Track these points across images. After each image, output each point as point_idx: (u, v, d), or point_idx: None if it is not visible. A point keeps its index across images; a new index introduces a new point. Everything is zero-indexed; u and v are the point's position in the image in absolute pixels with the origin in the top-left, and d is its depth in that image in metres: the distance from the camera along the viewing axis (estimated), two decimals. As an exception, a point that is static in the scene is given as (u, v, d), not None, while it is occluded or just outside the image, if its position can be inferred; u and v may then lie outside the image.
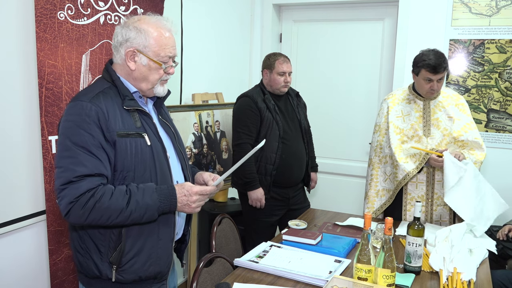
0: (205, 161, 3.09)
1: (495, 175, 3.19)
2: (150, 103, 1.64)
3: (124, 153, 1.44)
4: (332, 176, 3.88)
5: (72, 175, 1.36)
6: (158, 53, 1.50)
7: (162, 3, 2.58)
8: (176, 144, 1.67)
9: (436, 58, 2.31)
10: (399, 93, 2.58)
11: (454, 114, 2.45)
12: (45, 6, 1.89)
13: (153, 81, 1.53)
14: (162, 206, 1.45)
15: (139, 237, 1.49)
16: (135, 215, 1.42)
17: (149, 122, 1.55)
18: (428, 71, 2.32)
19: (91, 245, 1.49)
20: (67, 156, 1.38)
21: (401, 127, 2.49)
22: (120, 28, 1.51)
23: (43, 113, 1.92)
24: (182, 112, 2.95)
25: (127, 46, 1.49)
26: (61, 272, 2.06)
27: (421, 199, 2.45)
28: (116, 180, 1.46)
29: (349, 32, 3.74)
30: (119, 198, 1.39)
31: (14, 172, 1.91)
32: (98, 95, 1.45)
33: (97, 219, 1.39)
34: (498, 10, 3.14)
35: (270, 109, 2.75)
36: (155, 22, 1.51)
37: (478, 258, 1.97)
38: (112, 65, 1.56)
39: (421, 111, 2.47)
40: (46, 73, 1.92)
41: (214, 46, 3.45)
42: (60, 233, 2.03)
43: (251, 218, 2.86)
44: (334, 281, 1.62)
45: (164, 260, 1.57)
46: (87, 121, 1.39)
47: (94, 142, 1.39)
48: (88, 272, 1.51)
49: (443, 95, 2.50)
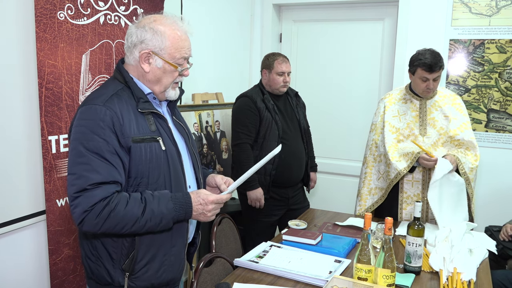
0: (205, 161, 3.09)
1: (495, 175, 3.19)
2: (164, 104, 1.60)
3: (139, 159, 1.40)
4: (332, 176, 3.88)
5: (86, 182, 1.32)
6: (174, 55, 1.45)
7: (162, 3, 2.58)
8: (190, 146, 1.63)
9: (432, 57, 2.32)
10: (396, 93, 2.60)
11: (450, 113, 2.46)
12: (45, 6, 1.89)
13: (166, 84, 1.49)
14: (177, 215, 1.42)
15: (152, 244, 1.47)
16: (151, 224, 1.38)
17: (164, 125, 1.51)
18: (424, 69, 2.34)
19: (103, 252, 1.46)
20: (80, 162, 1.33)
21: (397, 127, 2.50)
22: (135, 29, 1.45)
23: (43, 113, 1.92)
24: (182, 112, 2.93)
25: (142, 48, 1.43)
26: (61, 272, 2.05)
27: (417, 197, 2.47)
28: (130, 186, 1.42)
29: (349, 32, 3.74)
30: (134, 207, 1.35)
31: (14, 172, 1.91)
32: (112, 98, 1.40)
33: (112, 228, 1.35)
34: (498, 10, 3.14)
35: (269, 109, 2.75)
36: (171, 23, 1.46)
37: (478, 258, 1.97)
38: (123, 64, 1.51)
39: (417, 110, 2.49)
40: (46, 73, 1.92)
41: (214, 46, 3.44)
42: (60, 233, 2.03)
43: (250, 218, 2.86)
44: (334, 281, 1.62)
45: (176, 267, 1.55)
46: (101, 126, 1.34)
47: (108, 148, 1.34)
48: (100, 279, 1.48)
49: (440, 94, 2.51)
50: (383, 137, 2.51)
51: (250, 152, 2.73)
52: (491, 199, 2.36)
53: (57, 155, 1.98)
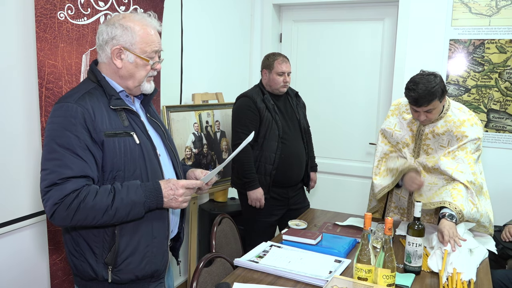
0: (205, 161, 3.09)
1: (495, 175, 3.19)
2: (137, 102, 1.63)
3: (113, 152, 1.43)
4: (332, 176, 3.88)
5: (57, 177, 1.36)
6: (144, 49, 1.49)
7: (162, 3, 2.58)
8: (166, 142, 1.66)
9: (422, 90, 1.98)
10: (404, 103, 2.34)
11: (448, 144, 2.18)
12: (45, 6, 1.89)
13: (140, 78, 1.52)
14: (148, 202, 1.44)
15: (133, 236, 1.49)
16: (121, 213, 1.40)
17: (137, 120, 1.54)
18: (410, 102, 2.08)
19: (85, 247, 1.48)
20: (52, 158, 1.37)
21: (389, 140, 2.38)
22: (104, 26, 1.50)
23: (43, 113, 1.92)
24: (182, 112, 2.95)
25: (114, 44, 1.47)
26: (61, 272, 2.06)
27: (403, 211, 2.42)
28: (106, 180, 1.45)
29: (349, 32, 3.74)
30: (103, 197, 1.38)
31: (14, 172, 1.91)
32: (84, 96, 1.44)
33: (82, 220, 1.38)
34: (498, 10, 3.14)
35: (269, 109, 2.75)
36: (140, 19, 1.50)
37: (478, 258, 1.97)
38: (97, 65, 1.55)
39: (414, 131, 2.27)
40: (46, 73, 1.92)
41: (214, 46, 3.45)
42: (60, 233, 2.03)
43: (250, 218, 2.86)
44: (334, 281, 1.62)
45: (159, 259, 1.57)
46: (72, 122, 1.38)
47: (79, 144, 1.38)
48: (84, 275, 1.50)
49: (447, 118, 2.16)
50: (376, 147, 2.44)
51: (250, 152, 2.73)
52: (491, 199, 2.36)
53: (57, 155, 1.98)
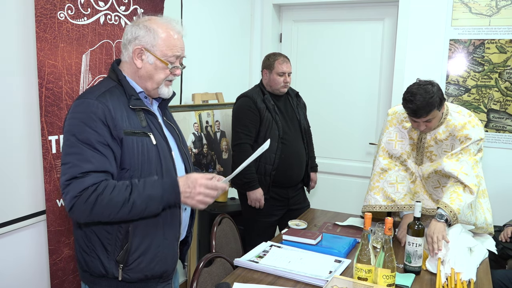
0: (205, 161, 3.09)
1: (495, 175, 3.19)
2: (155, 104, 1.65)
3: (131, 151, 1.45)
4: (332, 176, 3.88)
5: (78, 171, 1.36)
6: (165, 53, 1.50)
7: (162, 3, 2.58)
8: (180, 145, 1.67)
9: (420, 101, 1.95)
10: (401, 112, 2.25)
11: (452, 148, 2.15)
12: (45, 6, 1.89)
13: (158, 80, 1.53)
14: (165, 196, 1.43)
15: (146, 236, 1.50)
16: (138, 207, 1.39)
17: (155, 121, 1.56)
18: (409, 114, 2.05)
19: (98, 244, 1.49)
20: (73, 152, 1.38)
21: (390, 153, 2.28)
22: (130, 26, 1.53)
23: (43, 113, 1.92)
24: (182, 112, 2.95)
25: (136, 44, 1.50)
26: (61, 272, 2.06)
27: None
28: (123, 179, 1.45)
29: (349, 32, 3.74)
30: (121, 191, 1.38)
31: (14, 172, 1.91)
32: (105, 93, 1.45)
33: (100, 213, 1.38)
34: (498, 10, 3.14)
35: (269, 109, 2.75)
36: (165, 23, 1.52)
37: (478, 258, 1.97)
38: (119, 65, 1.57)
39: (415, 139, 2.22)
40: (46, 73, 1.92)
41: (214, 46, 3.44)
42: (60, 233, 2.03)
43: (250, 218, 2.86)
44: (334, 281, 1.62)
45: (169, 259, 1.58)
46: (93, 118, 1.39)
47: (99, 139, 1.39)
48: (94, 271, 1.51)
49: (447, 123, 2.13)
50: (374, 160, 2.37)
51: (250, 152, 2.70)
52: (491, 199, 2.35)
53: (57, 155, 1.98)
